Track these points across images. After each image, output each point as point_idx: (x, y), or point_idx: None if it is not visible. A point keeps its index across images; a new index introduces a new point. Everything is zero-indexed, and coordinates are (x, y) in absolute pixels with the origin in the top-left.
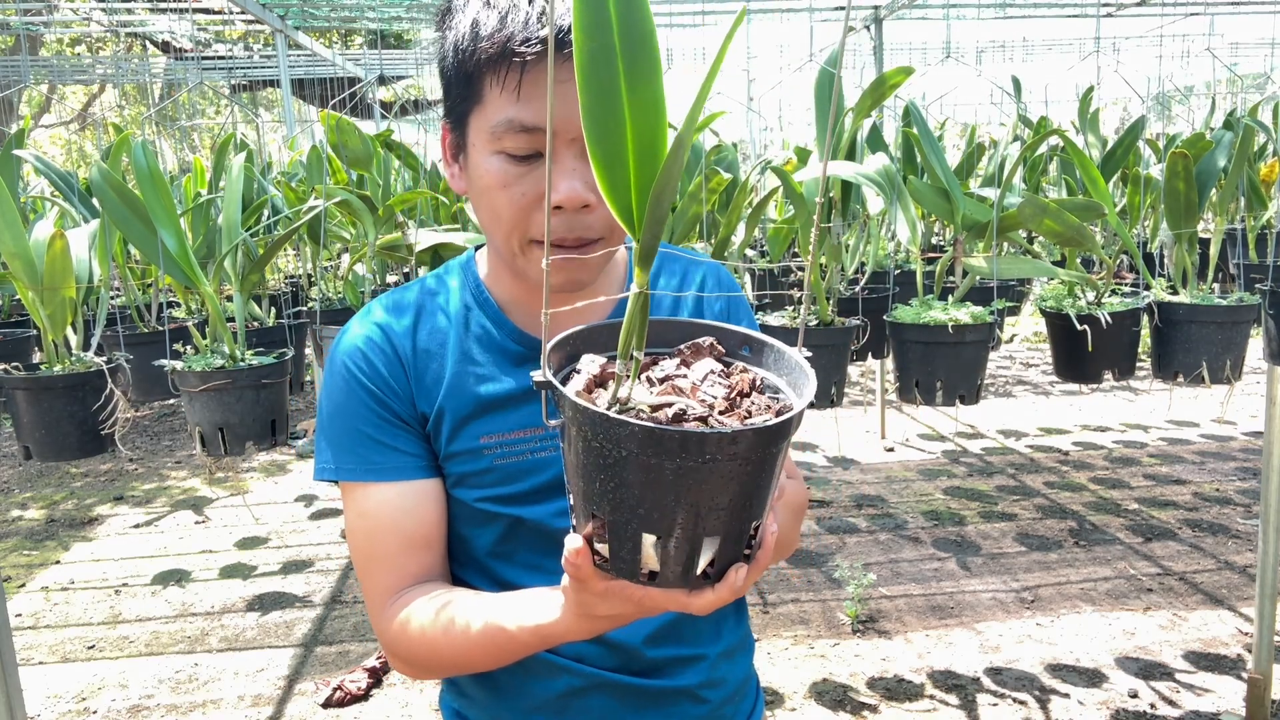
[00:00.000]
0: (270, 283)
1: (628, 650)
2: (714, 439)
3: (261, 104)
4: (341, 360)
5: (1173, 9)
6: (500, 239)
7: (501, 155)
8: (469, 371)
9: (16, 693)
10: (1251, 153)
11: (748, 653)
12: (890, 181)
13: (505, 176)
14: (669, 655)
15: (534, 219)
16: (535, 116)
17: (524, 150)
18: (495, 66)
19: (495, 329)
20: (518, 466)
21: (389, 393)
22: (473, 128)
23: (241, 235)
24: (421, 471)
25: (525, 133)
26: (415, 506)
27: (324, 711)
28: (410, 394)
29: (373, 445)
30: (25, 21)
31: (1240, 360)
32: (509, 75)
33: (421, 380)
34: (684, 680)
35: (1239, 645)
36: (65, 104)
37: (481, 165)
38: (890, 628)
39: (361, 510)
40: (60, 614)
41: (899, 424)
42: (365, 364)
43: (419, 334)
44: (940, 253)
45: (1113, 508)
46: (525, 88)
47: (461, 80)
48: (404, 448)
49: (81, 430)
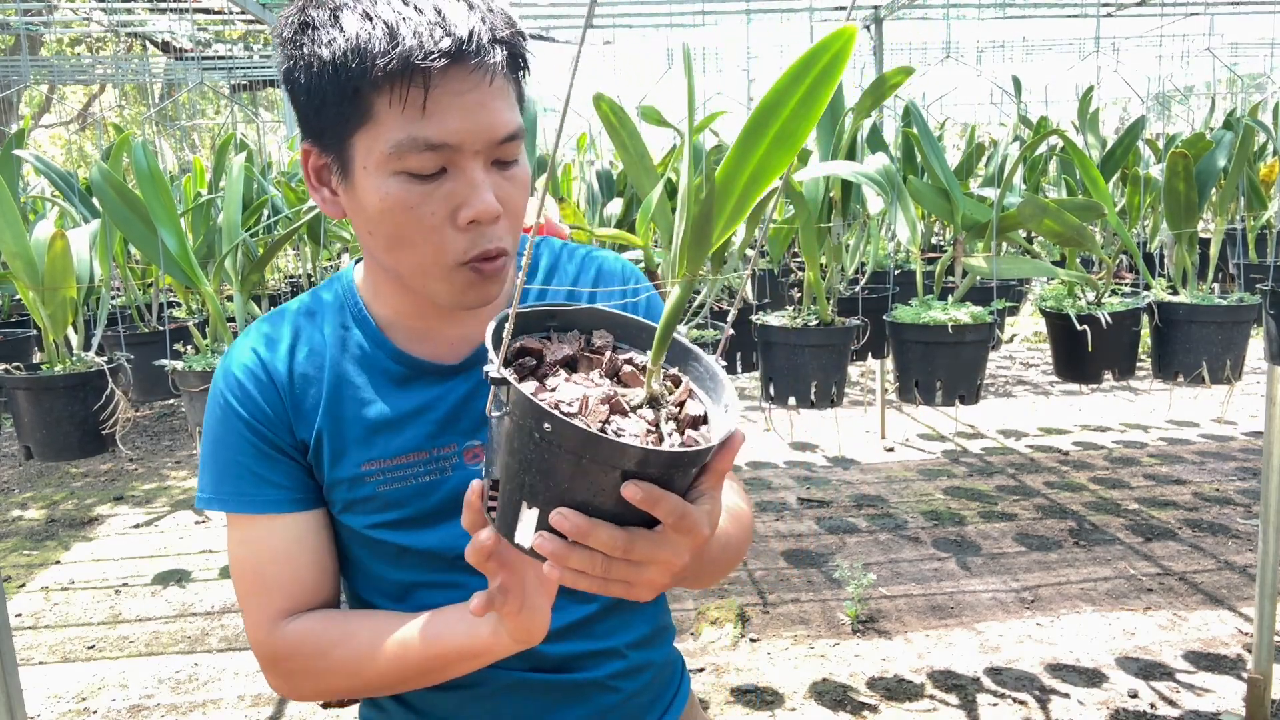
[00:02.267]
0: (270, 283)
1: (527, 651)
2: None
3: (261, 104)
4: (219, 389)
5: (1173, 9)
6: (405, 264)
7: (402, 176)
8: (347, 395)
9: (16, 693)
10: (1251, 153)
11: (667, 639)
12: (890, 181)
13: (409, 198)
14: (574, 650)
15: (447, 238)
16: (441, 132)
17: (430, 169)
18: (392, 83)
19: (374, 349)
20: (401, 493)
21: (266, 423)
22: (359, 149)
23: (241, 235)
24: (299, 505)
25: (431, 150)
26: (299, 538)
27: (324, 712)
28: (288, 422)
29: (251, 478)
30: (25, 21)
31: (1240, 360)
32: (411, 92)
33: (300, 407)
34: (595, 673)
35: (1239, 645)
36: (65, 104)
37: (378, 189)
38: (890, 628)
39: (243, 538)
40: (60, 614)
41: (899, 424)
42: (241, 393)
43: (296, 357)
44: (940, 253)
45: (1113, 508)
46: (430, 103)
47: (341, 99)
48: (282, 481)
49: (82, 430)
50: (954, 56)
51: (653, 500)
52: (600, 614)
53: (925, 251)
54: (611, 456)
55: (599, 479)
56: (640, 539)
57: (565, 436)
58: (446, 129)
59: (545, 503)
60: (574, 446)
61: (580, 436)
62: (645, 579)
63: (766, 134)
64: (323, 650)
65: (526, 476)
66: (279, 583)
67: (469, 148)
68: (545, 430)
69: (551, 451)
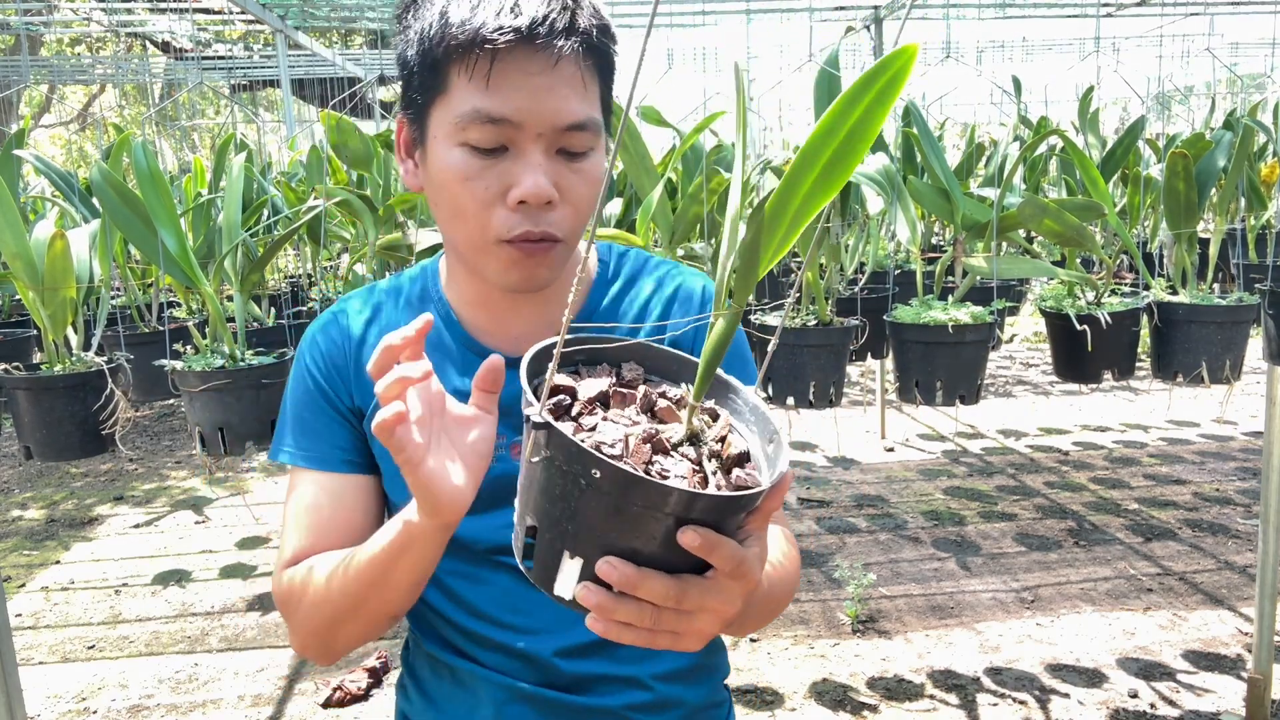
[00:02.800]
0: (270, 283)
1: (541, 663)
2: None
3: (261, 104)
4: (301, 348)
5: (1173, 9)
6: (460, 236)
7: (465, 148)
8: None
9: (16, 693)
10: (1251, 153)
11: (711, 677)
12: (890, 181)
13: (468, 170)
14: (592, 672)
15: (496, 215)
16: (503, 107)
17: (489, 143)
18: (464, 55)
19: (445, 330)
20: None
21: (334, 385)
22: (434, 120)
23: (241, 235)
24: (347, 466)
25: (492, 124)
26: (341, 494)
27: (324, 711)
28: (350, 384)
29: (314, 435)
30: (25, 21)
31: (1240, 360)
32: (478, 63)
33: (363, 374)
34: (611, 700)
35: (1239, 645)
36: (65, 104)
37: (443, 158)
38: (890, 628)
39: (295, 488)
40: (60, 614)
41: (899, 424)
42: (316, 353)
43: (372, 328)
44: (940, 253)
45: (1113, 508)
46: (495, 77)
47: (425, 69)
48: (334, 440)
49: (82, 430)
50: (954, 56)
51: (710, 547)
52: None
53: (925, 251)
54: (665, 503)
55: (649, 525)
56: (692, 587)
57: (616, 483)
58: (509, 105)
59: (589, 551)
60: (624, 493)
61: (632, 483)
62: (695, 628)
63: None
64: (301, 590)
65: (569, 524)
66: (303, 529)
67: (531, 129)
68: (593, 476)
69: (599, 498)
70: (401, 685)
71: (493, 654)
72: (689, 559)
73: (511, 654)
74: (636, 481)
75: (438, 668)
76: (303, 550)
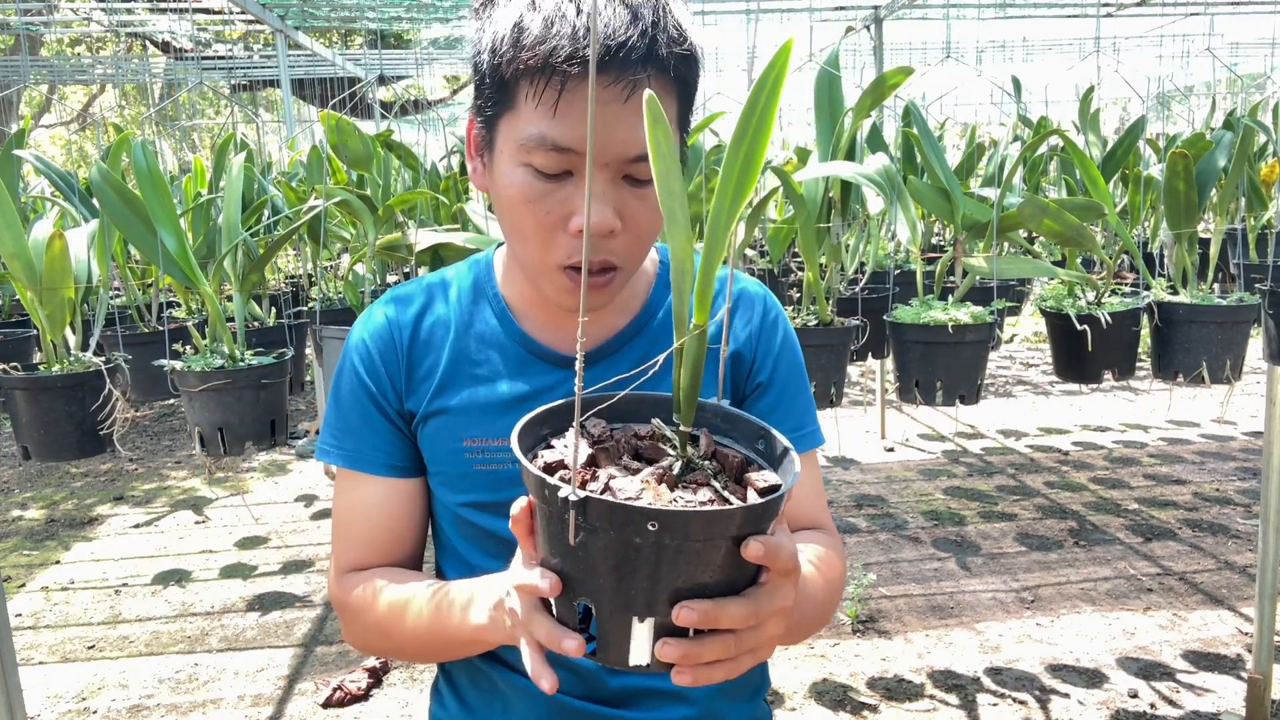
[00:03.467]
0: (270, 283)
1: (587, 676)
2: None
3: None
4: (348, 347)
5: (1173, 9)
6: (520, 253)
7: (529, 169)
8: (464, 371)
9: (16, 693)
10: (1251, 153)
11: (756, 693)
12: (890, 181)
13: (531, 191)
14: (638, 685)
15: (557, 240)
16: (569, 136)
17: (553, 169)
18: (533, 78)
19: (500, 327)
20: (496, 476)
21: (380, 386)
22: (501, 133)
23: (241, 235)
24: (395, 471)
25: (557, 151)
26: (386, 502)
27: (324, 711)
28: (401, 387)
29: (357, 436)
30: (25, 21)
31: (1240, 360)
32: (546, 90)
33: (415, 373)
34: (655, 715)
35: (1239, 645)
36: (65, 104)
37: (507, 175)
38: (890, 628)
39: (341, 490)
40: (60, 614)
41: (899, 424)
42: (365, 355)
43: (422, 324)
44: (940, 253)
45: (1113, 508)
46: (562, 105)
47: (496, 83)
48: (382, 445)
49: (80, 430)
50: (954, 56)
51: (772, 551)
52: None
53: (925, 251)
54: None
55: (711, 555)
56: (761, 599)
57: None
58: (575, 134)
59: (658, 607)
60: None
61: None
62: (767, 636)
63: (738, 160)
64: (365, 608)
65: (630, 590)
66: (354, 538)
67: (598, 157)
68: (650, 530)
69: (658, 550)
70: (437, 690)
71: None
72: (745, 574)
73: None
74: (697, 517)
75: (477, 676)
76: (356, 560)
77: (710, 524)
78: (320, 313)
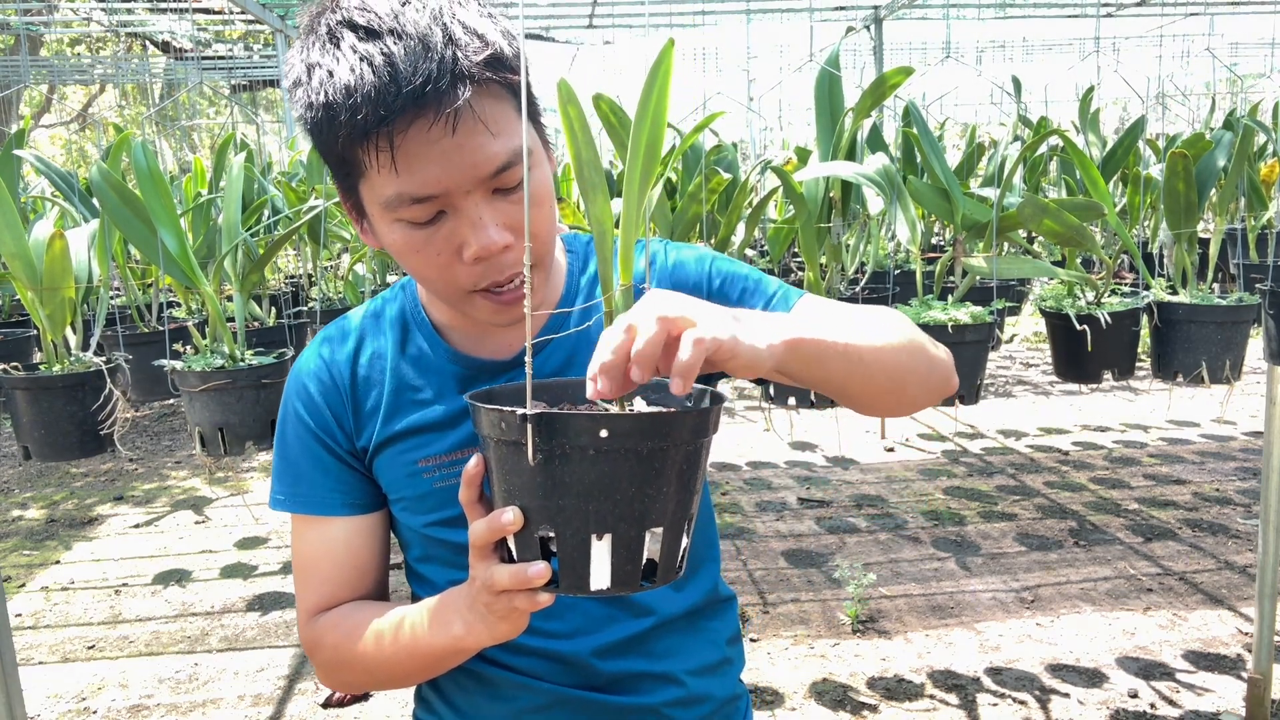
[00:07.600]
0: (270, 283)
1: (580, 665)
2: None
3: (261, 104)
4: (288, 394)
5: (1173, 9)
6: (433, 290)
7: (402, 223)
8: (405, 398)
9: (16, 693)
10: (1251, 153)
11: (733, 670)
12: (890, 181)
13: (414, 242)
14: (630, 670)
15: (456, 273)
16: (423, 185)
17: (425, 217)
18: (363, 145)
19: (431, 350)
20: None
21: (326, 429)
22: (365, 198)
23: (241, 235)
24: (355, 509)
25: (419, 203)
26: (350, 539)
27: (324, 711)
28: (348, 426)
29: (311, 481)
30: (25, 21)
31: (1240, 360)
32: (379, 155)
33: (361, 410)
34: (650, 698)
35: (1239, 645)
36: (65, 104)
37: (386, 234)
38: (890, 627)
39: (300, 534)
40: (60, 614)
41: (899, 424)
42: (305, 398)
43: (360, 361)
44: (940, 253)
45: (1113, 508)
46: (400, 161)
47: (336, 158)
48: (339, 485)
49: (80, 430)
50: (954, 56)
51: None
52: (656, 630)
53: (925, 251)
54: (668, 429)
55: (660, 463)
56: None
57: (623, 430)
58: (427, 180)
59: (616, 522)
60: (634, 435)
61: (640, 420)
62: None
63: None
64: (340, 644)
65: (589, 505)
66: (321, 579)
67: (458, 189)
68: (602, 437)
69: (613, 458)
70: (421, 697)
71: (528, 659)
72: (693, 487)
73: (548, 657)
74: (646, 418)
75: (462, 677)
76: (326, 600)
77: (658, 425)
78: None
